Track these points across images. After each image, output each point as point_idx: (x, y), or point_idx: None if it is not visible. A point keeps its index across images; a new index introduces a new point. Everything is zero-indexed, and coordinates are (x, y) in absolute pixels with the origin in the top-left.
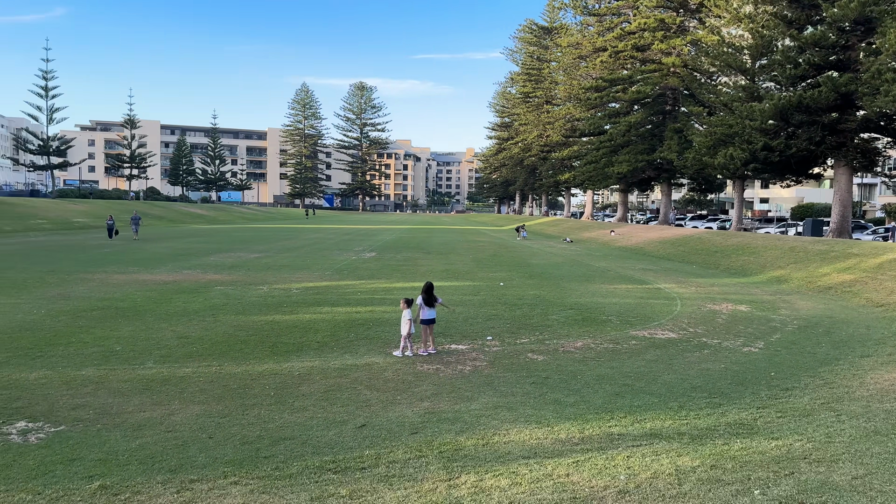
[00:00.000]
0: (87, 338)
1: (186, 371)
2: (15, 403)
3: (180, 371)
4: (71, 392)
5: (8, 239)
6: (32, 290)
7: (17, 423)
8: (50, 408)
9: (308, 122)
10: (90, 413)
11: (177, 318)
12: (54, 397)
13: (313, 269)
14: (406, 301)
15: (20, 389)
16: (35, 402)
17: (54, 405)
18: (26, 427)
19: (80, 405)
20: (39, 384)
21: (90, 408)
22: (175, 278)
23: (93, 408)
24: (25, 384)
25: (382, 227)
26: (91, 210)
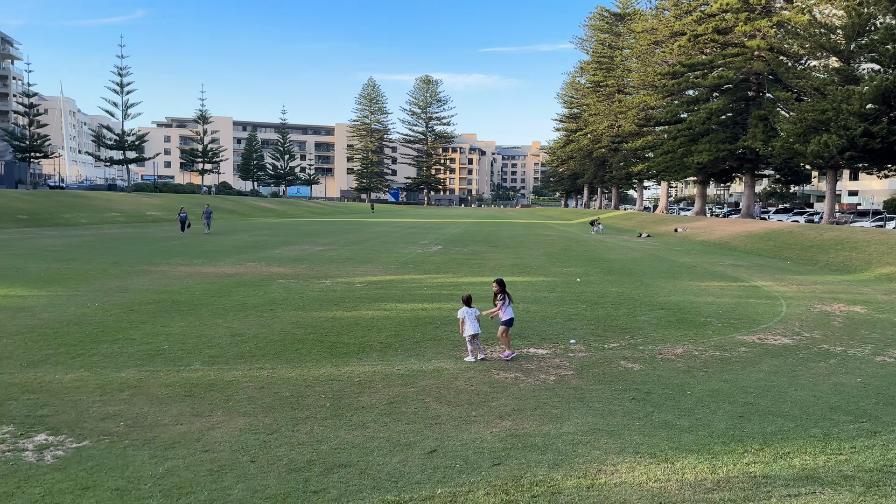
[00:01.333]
0: (135, 334)
1: (236, 374)
2: (40, 411)
3: (229, 374)
4: (104, 398)
5: (82, 231)
6: (92, 282)
7: (36, 435)
8: (77, 417)
9: (374, 117)
10: (120, 425)
11: (233, 314)
12: (85, 404)
13: (377, 262)
14: (464, 299)
15: (50, 394)
16: (62, 409)
17: (83, 414)
18: (45, 442)
19: (112, 415)
20: (72, 388)
21: (122, 418)
22: (238, 271)
23: (125, 419)
24: (57, 388)
25: (447, 221)
26: (164, 203)
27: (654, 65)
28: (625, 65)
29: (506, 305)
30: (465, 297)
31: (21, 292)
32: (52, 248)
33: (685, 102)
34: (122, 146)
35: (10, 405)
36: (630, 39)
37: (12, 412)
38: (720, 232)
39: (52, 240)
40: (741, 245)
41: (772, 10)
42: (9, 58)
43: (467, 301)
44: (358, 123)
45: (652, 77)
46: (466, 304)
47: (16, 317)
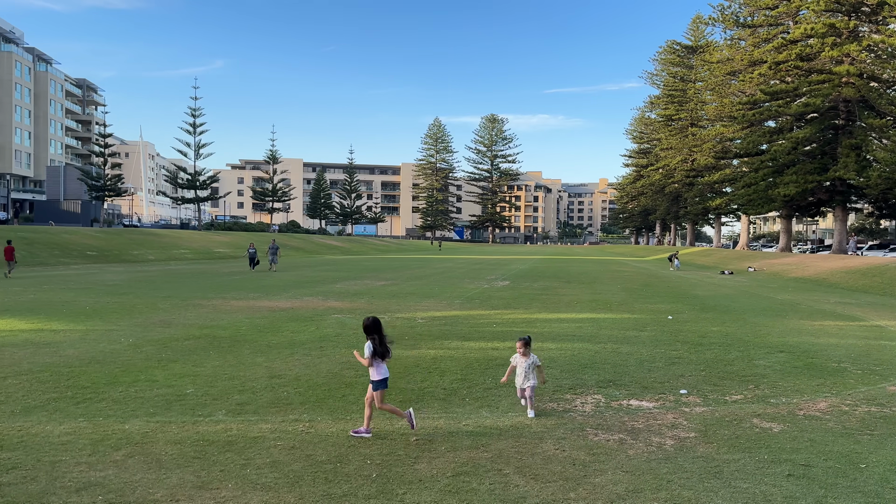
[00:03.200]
0: (159, 375)
1: (263, 429)
2: (4, 477)
3: (255, 428)
4: (92, 460)
5: (148, 267)
6: (136, 316)
7: None
8: (47, 487)
9: (440, 156)
10: (97, 501)
11: (277, 351)
12: (65, 468)
13: (441, 297)
14: (525, 342)
15: (28, 451)
16: (33, 474)
17: (55, 482)
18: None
19: (92, 483)
20: (58, 444)
21: (102, 490)
22: (293, 305)
23: (106, 491)
24: (40, 443)
25: (514, 258)
26: (232, 241)
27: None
28: (698, 97)
29: (378, 361)
30: (528, 339)
31: (57, 326)
32: (110, 283)
33: (766, 133)
34: (193, 185)
35: None
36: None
37: None
38: (814, 268)
39: (114, 275)
40: (841, 282)
41: (860, 35)
42: (93, 104)
43: (529, 343)
44: (423, 162)
45: (729, 108)
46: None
47: (37, 353)
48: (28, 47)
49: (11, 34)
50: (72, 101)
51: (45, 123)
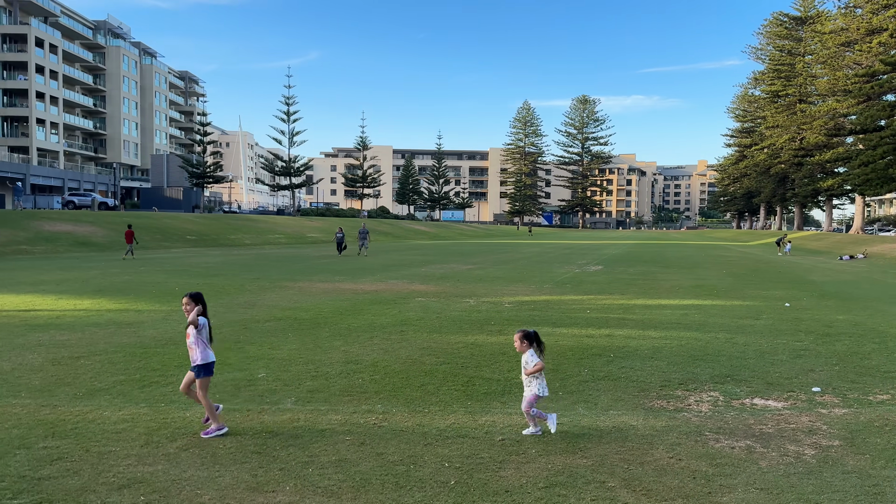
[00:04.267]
0: (233, 357)
1: (333, 420)
2: (45, 470)
3: (324, 419)
4: (142, 452)
5: (243, 250)
6: (222, 297)
7: None
8: (87, 483)
9: (528, 140)
10: (138, 501)
11: (356, 335)
12: (111, 461)
13: (530, 281)
14: (526, 335)
15: (77, 441)
16: (77, 467)
17: (98, 478)
18: None
19: (137, 480)
20: (111, 432)
21: (146, 488)
22: (377, 288)
23: (150, 489)
24: (93, 431)
25: (606, 242)
26: (324, 226)
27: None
28: (807, 71)
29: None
30: (531, 332)
31: (143, 307)
32: (204, 266)
33: (886, 107)
34: (288, 172)
35: (14, 457)
36: (814, 43)
37: (9, 470)
38: None
39: (209, 258)
40: None
41: None
42: (194, 95)
43: (534, 340)
44: (512, 147)
45: (843, 82)
46: (532, 345)
47: (117, 333)
48: (134, 42)
49: (119, 30)
50: (175, 93)
51: (150, 114)
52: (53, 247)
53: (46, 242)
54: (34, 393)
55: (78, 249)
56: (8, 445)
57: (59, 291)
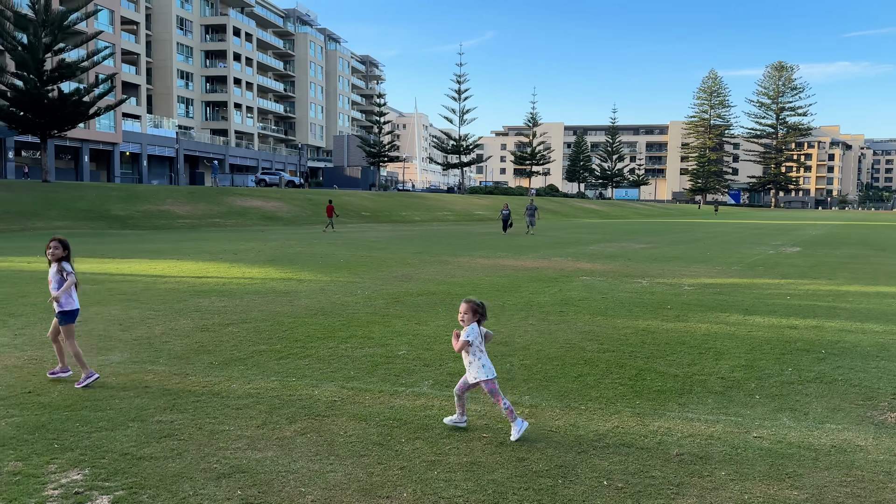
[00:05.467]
0: (376, 332)
1: (471, 411)
2: (147, 449)
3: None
4: (260, 432)
5: (412, 227)
6: (382, 270)
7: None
8: (183, 469)
9: (714, 112)
10: (233, 499)
11: (510, 313)
12: (218, 443)
13: (714, 262)
14: (475, 308)
15: (193, 417)
16: (182, 448)
17: (198, 463)
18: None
19: (239, 470)
20: (231, 409)
21: (246, 482)
22: (538, 265)
23: (251, 483)
24: (214, 407)
25: (803, 223)
26: (492, 204)
27: None
28: None
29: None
30: (477, 305)
31: (305, 276)
32: (372, 239)
33: None
34: (458, 150)
35: (126, 430)
36: None
37: (115, 445)
38: None
39: (379, 233)
40: None
41: None
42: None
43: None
44: (696, 119)
45: None
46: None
47: (272, 302)
48: (320, 28)
49: (307, 17)
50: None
51: (334, 98)
52: (243, 220)
53: (237, 216)
54: (173, 360)
55: (264, 223)
56: (125, 416)
57: (235, 260)
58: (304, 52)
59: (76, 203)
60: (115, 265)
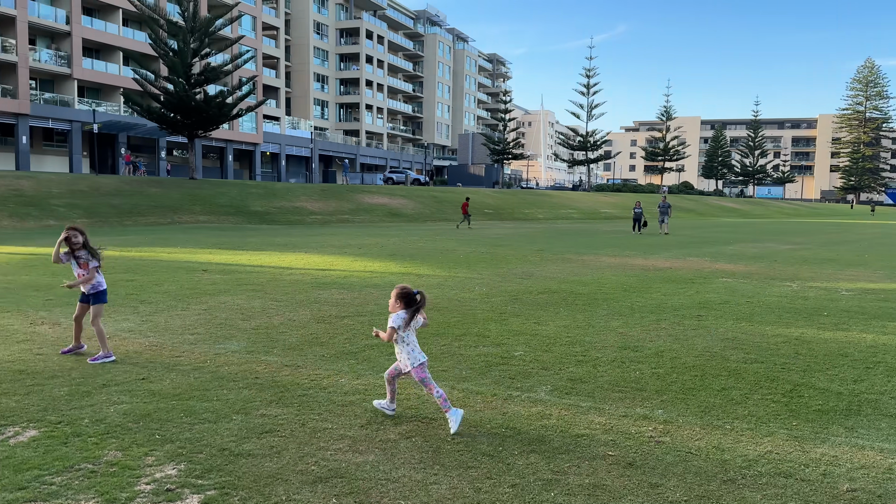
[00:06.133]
0: (492, 330)
1: (595, 423)
2: (244, 445)
3: (584, 419)
4: (363, 433)
5: (534, 224)
6: (501, 267)
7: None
8: (278, 471)
9: (870, 104)
10: None
11: (640, 315)
12: (322, 441)
13: (875, 266)
14: (403, 294)
15: (299, 410)
16: (280, 447)
17: (295, 464)
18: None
19: (337, 475)
20: (338, 405)
21: (343, 488)
22: (672, 265)
23: (347, 491)
24: (318, 401)
25: None
26: (619, 202)
27: None
28: None
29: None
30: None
31: (424, 271)
32: (494, 236)
33: None
34: (585, 146)
35: (229, 423)
36: None
37: (216, 439)
38: None
39: (501, 230)
40: None
41: None
42: (501, 77)
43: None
44: (849, 112)
45: None
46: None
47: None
48: (449, 28)
49: (436, 18)
50: (483, 76)
51: (461, 97)
52: (370, 217)
53: (365, 213)
54: (286, 351)
55: (390, 219)
56: (230, 408)
57: (358, 254)
58: (432, 53)
59: (219, 199)
60: (248, 257)
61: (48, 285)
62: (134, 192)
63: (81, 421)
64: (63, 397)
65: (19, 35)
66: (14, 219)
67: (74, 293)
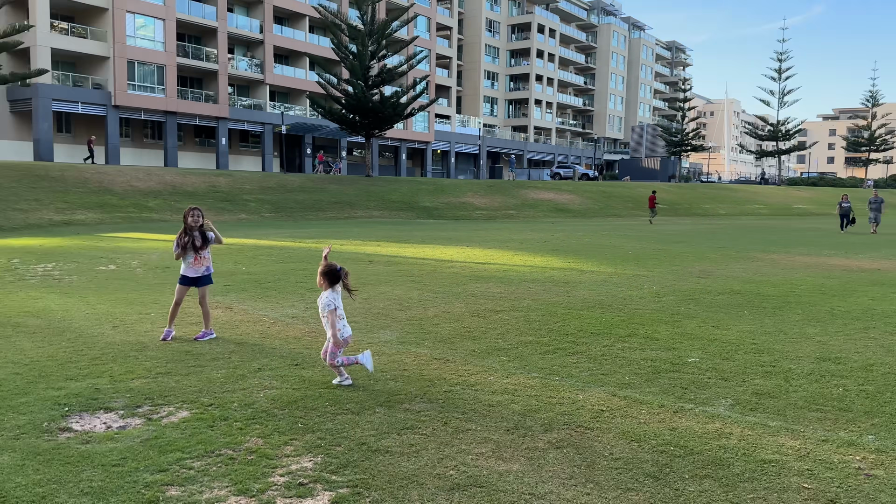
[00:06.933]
0: (662, 332)
1: (786, 447)
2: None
3: (772, 442)
4: (511, 437)
5: (716, 220)
6: (675, 264)
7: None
8: (413, 472)
9: None
10: None
11: (842, 322)
12: (464, 443)
13: None
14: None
15: (443, 408)
16: (420, 446)
17: (432, 467)
18: None
19: (475, 484)
20: (490, 404)
21: (477, 498)
22: (880, 266)
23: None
24: (463, 398)
25: None
26: (815, 197)
27: None
28: None
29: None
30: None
31: (587, 267)
32: (667, 233)
33: None
34: (775, 136)
35: (371, 415)
36: None
37: (356, 431)
38: None
39: (677, 226)
40: None
41: None
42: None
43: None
44: None
45: None
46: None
47: (547, 291)
48: (624, 17)
49: (611, 7)
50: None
51: (635, 88)
52: (535, 212)
53: (529, 208)
54: (437, 343)
55: (555, 215)
56: (375, 400)
57: (519, 249)
58: (606, 44)
59: (391, 195)
60: (412, 250)
61: (230, 272)
62: (315, 188)
63: (231, 405)
64: (219, 380)
65: (220, 45)
66: (211, 212)
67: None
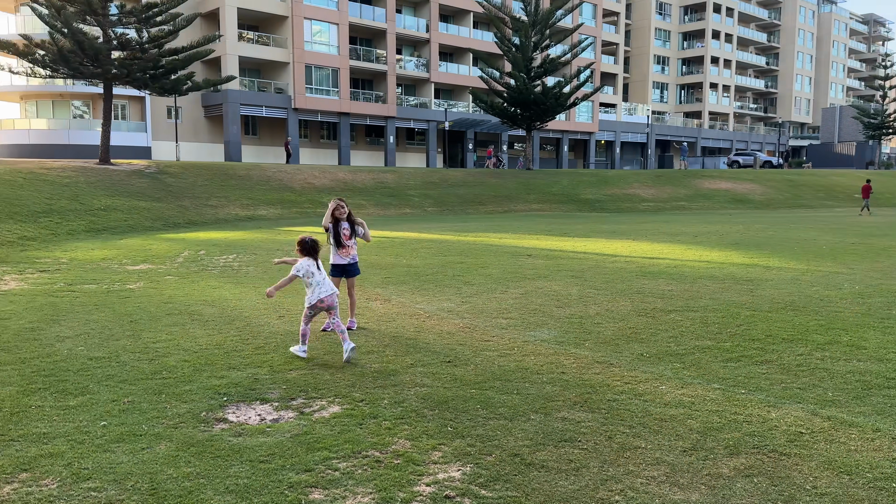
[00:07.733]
0: (869, 340)
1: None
2: None
3: None
4: (674, 461)
5: None
6: (881, 260)
7: None
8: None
9: None
10: None
11: None
12: (622, 463)
13: None
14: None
15: (595, 412)
16: (579, 464)
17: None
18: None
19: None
20: (657, 417)
21: None
22: None
23: None
24: (630, 410)
25: None
26: None
27: None
28: None
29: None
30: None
31: (773, 263)
32: (866, 225)
33: None
34: None
35: (526, 422)
36: None
37: (508, 441)
38: None
39: (880, 217)
40: None
41: None
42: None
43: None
44: None
45: None
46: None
47: (728, 289)
48: None
49: None
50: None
51: (825, 67)
52: (709, 203)
53: (703, 199)
54: (599, 344)
55: (733, 206)
56: (530, 405)
57: (692, 242)
58: (791, 20)
59: (551, 188)
60: (572, 243)
61: (390, 265)
62: (476, 182)
63: (381, 402)
64: (371, 374)
65: (389, 46)
66: (378, 207)
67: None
